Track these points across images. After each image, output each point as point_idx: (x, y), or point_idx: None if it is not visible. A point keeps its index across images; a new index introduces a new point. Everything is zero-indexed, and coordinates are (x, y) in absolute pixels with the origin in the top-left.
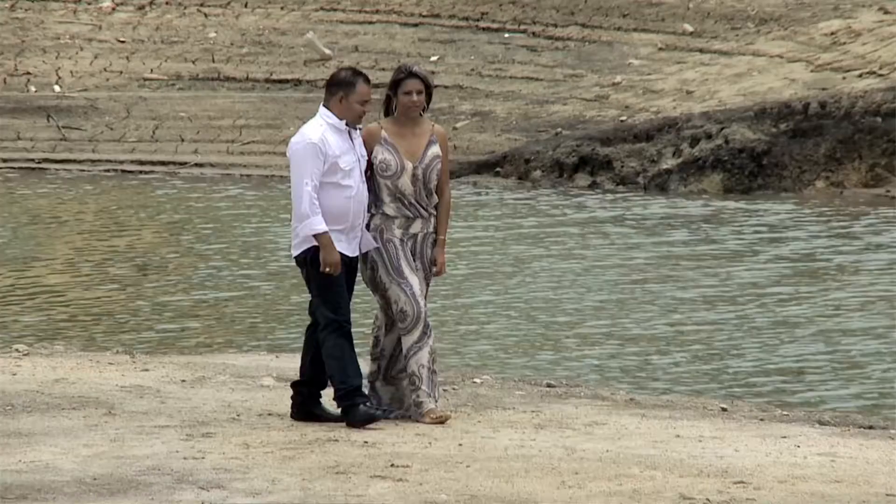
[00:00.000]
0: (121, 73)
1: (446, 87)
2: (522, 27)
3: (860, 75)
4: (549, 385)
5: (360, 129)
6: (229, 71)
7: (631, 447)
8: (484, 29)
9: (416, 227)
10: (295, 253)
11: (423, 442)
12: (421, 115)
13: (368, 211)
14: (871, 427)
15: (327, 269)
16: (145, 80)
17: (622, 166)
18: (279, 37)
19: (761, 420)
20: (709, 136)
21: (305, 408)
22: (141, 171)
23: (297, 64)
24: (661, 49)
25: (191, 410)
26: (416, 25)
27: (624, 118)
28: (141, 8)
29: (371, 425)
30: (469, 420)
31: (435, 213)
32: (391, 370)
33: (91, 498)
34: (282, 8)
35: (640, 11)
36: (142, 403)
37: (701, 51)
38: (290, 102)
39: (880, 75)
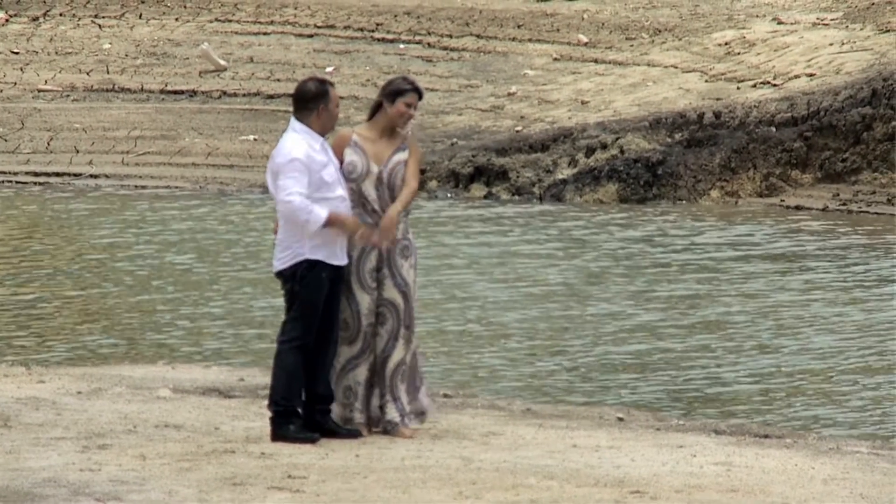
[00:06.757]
0: (15, 84)
1: (342, 97)
2: (418, 38)
3: (754, 85)
4: (445, 395)
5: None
6: (124, 82)
7: (528, 457)
8: (379, 40)
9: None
10: (280, 267)
11: (320, 453)
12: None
13: None
14: (766, 436)
15: (359, 236)
16: (39, 91)
17: (518, 176)
18: (174, 48)
19: (657, 430)
20: (604, 146)
21: (319, 425)
22: (35, 183)
23: (192, 75)
24: (555, 59)
25: (87, 422)
26: (311, 36)
27: (519, 128)
28: (35, 19)
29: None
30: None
31: (401, 222)
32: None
33: None
34: (176, 19)
35: (534, 22)
36: (37, 415)
37: (596, 61)
38: (186, 113)
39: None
